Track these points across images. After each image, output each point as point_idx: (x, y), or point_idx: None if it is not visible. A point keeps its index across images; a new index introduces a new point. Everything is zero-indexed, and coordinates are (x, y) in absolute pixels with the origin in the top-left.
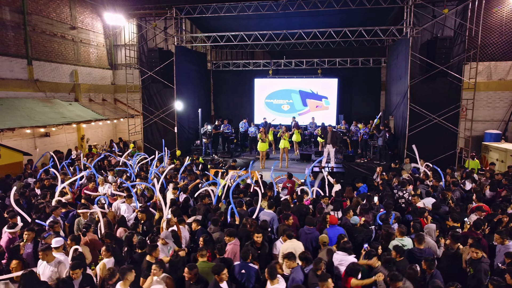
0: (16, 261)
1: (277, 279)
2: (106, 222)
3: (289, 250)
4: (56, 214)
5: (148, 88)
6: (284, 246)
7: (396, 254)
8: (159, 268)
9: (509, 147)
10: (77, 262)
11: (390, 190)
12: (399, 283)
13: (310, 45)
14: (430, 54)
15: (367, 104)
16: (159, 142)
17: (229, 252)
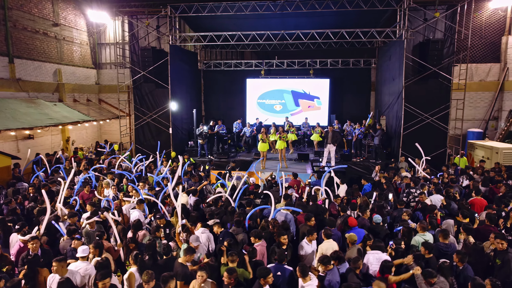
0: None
1: (309, 276)
2: (121, 229)
3: (328, 249)
4: (72, 221)
5: (139, 88)
6: (324, 246)
7: (425, 250)
8: (206, 273)
9: (494, 145)
10: (107, 271)
11: (393, 188)
12: (433, 279)
13: (301, 45)
14: (423, 56)
15: (358, 104)
16: (151, 144)
17: (257, 253)
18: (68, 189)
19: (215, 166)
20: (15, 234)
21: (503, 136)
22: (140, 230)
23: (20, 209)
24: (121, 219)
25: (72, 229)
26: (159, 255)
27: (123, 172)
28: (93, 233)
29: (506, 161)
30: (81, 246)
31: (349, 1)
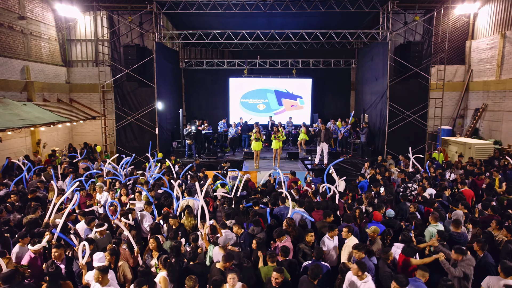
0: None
1: (365, 274)
2: (135, 234)
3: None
4: (101, 233)
5: (121, 87)
6: (350, 241)
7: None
8: (237, 276)
9: (466, 141)
10: (142, 280)
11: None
12: (462, 256)
13: (284, 45)
14: (404, 57)
15: (338, 103)
16: (134, 145)
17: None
18: (60, 195)
19: (205, 167)
20: (19, 245)
21: (470, 133)
22: (159, 234)
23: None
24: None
25: (90, 239)
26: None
27: (116, 177)
28: (102, 240)
29: (478, 156)
30: (97, 254)
31: (336, 3)
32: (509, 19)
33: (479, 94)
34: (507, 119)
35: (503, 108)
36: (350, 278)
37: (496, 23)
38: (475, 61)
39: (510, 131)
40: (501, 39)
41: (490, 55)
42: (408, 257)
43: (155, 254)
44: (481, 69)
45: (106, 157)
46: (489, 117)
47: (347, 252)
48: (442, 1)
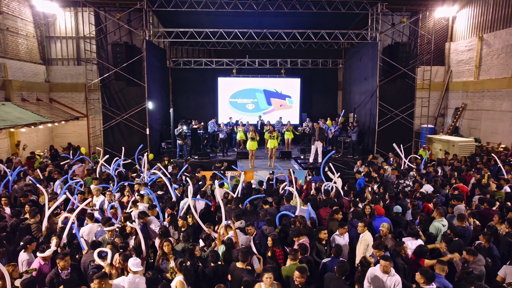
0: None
1: (392, 270)
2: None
3: (371, 240)
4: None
5: (108, 86)
6: (366, 237)
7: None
8: (273, 275)
9: (450, 139)
10: (166, 283)
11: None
12: (473, 257)
13: (272, 45)
14: (392, 58)
15: (326, 102)
16: (122, 146)
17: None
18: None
19: (198, 167)
20: (24, 253)
21: (451, 131)
22: (169, 237)
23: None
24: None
25: (97, 242)
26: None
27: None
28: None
29: (461, 153)
30: (133, 259)
31: (328, 3)
32: (486, 22)
33: (459, 94)
34: (485, 117)
35: (482, 107)
36: (374, 273)
37: (474, 26)
38: (454, 62)
39: (488, 129)
40: (478, 42)
41: (468, 56)
42: (421, 258)
43: (171, 257)
44: (460, 70)
45: (94, 159)
46: (468, 116)
47: (364, 246)
48: (427, 4)
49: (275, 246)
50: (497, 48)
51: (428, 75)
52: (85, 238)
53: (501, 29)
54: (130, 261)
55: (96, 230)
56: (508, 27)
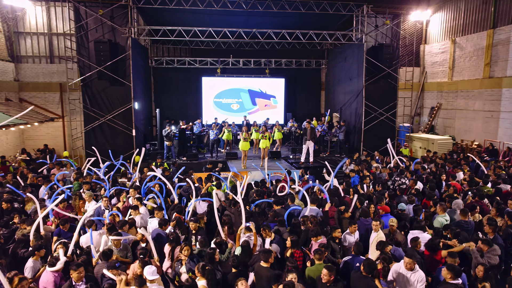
0: None
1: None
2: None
3: (384, 238)
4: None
5: (90, 86)
6: (382, 235)
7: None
8: (297, 275)
9: (430, 137)
10: None
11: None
12: (487, 247)
13: (256, 45)
14: (376, 58)
15: (310, 102)
16: (105, 148)
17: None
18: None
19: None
20: (32, 260)
21: (427, 130)
22: (179, 244)
23: None
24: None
25: (109, 252)
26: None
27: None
28: (120, 252)
29: (440, 150)
30: (148, 267)
31: (316, 4)
32: (458, 27)
33: (434, 94)
34: (459, 116)
35: (456, 106)
36: (398, 270)
37: (447, 30)
38: (429, 63)
39: (462, 128)
40: (451, 45)
41: (442, 58)
42: (433, 251)
43: (184, 261)
44: (434, 71)
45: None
46: (443, 115)
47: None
48: (405, 7)
49: (294, 247)
50: (469, 51)
51: (405, 76)
52: (85, 247)
53: (472, 33)
54: (145, 270)
55: (97, 237)
56: (479, 32)
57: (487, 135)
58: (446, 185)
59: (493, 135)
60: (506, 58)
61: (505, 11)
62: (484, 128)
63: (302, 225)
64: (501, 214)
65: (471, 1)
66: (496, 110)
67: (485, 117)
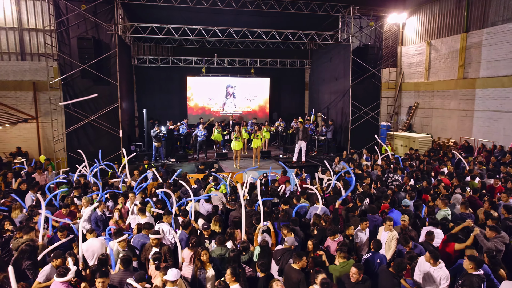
0: None
1: (439, 261)
2: (166, 250)
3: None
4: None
5: (71, 85)
6: (394, 233)
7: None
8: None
9: (410, 135)
10: None
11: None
12: (495, 233)
13: (241, 44)
14: (361, 59)
15: (294, 102)
16: (89, 150)
17: None
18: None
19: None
20: (51, 265)
21: (406, 128)
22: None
23: None
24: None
25: (128, 258)
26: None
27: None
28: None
29: (421, 148)
30: (172, 270)
31: (305, 5)
32: (433, 30)
33: (411, 93)
34: (435, 115)
35: (432, 106)
36: (422, 266)
37: (422, 32)
38: (406, 64)
39: (439, 126)
40: (427, 47)
41: (418, 60)
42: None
43: (208, 266)
44: (411, 72)
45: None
46: (420, 113)
47: (395, 241)
48: (382, 10)
49: (316, 250)
50: (444, 53)
51: (385, 76)
52: (86, 255)
53: (447, 36)
54: (169, 273)
55: (98, 246)
56: (453, 35)
57: (462, 133)
58: (437, 181)
59: (467, 132)
60: (479, 60)
61: (477, 16)
62: (459, 126)
63: (313, 226)
64: (493, 207)
65: (445, 6)
66: (470, 109)
67: (460, 115)
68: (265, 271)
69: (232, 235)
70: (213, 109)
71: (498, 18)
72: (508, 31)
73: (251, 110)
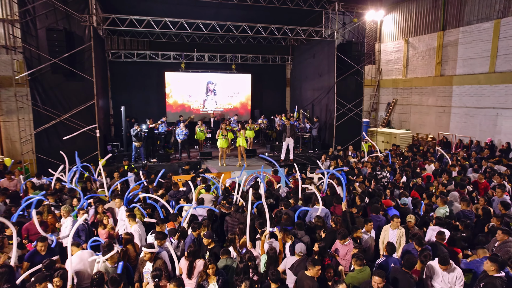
0: None
1: (451, 264)
2: (162, 264)
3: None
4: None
5: (40, 80)
6: (403, 231)
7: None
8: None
9: (392, 131)
10: None
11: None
12: (507, 236)
13: (221, 39)
14: (345, 55)
15: (275, 99)
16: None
17: (351, 252)
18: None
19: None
20: None
21: (385, 124)
22: (198, 258)
23: None
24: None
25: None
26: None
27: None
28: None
29: (402, 144)
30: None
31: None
32: (411, 28)
33: (389, 90)
34: (414, 111)
35: (410, 102)
36: (434, 266)
37: (400, 30)
38: (384, 61)
39: (417, 122)
40: (405, 44)
41: (396, 57)
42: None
43: (212, 279)
44: (389, 69)
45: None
46: (398, 110)
47: (404, 239)
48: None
49: (323, 254)
50: (421, 51)
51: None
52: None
53: (424, 34)
54: None
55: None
56: (430, 33)
57: (440, 129)
58: (427, 177)
59: (445, 128)
60: (455, 58)
61: (453, 15)
62: (437, 122)
63: (319, 229)
64: (489, 203)
65: (421, 5)
66: (447, 106)
67: (438, 112)
68: (277, 281)
69: (233, 241)
70: (193, 106)
71: (473, 18)
72: (483, 30)
73: (233, 107)
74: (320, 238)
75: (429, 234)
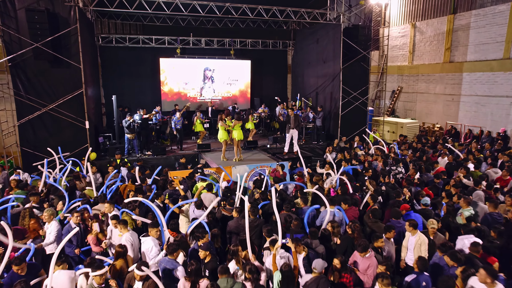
0: None
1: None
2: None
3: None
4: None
5: (22, 67)
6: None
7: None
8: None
9: (398, 121)
10: None
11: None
12: None
13: (219, 22)
14: (351, 40)
15: (276, 86)
16: (48, 145)
17: (373, 266)
18: None
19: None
20: None
21: (389, 113)
22: (201, 278)
23: None
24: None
25: None
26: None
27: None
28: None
29: (409, 134)
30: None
31: None
32: (418, 11)
33: (394, 77)
34: (420, 99)
35: (416, 90)
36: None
37: (406, 13)
38: (389, 47)
39: (423, 111)
40: (411, 29)
41: (402, 42)
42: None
43: None
44: (394, 55)
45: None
46: (404, 98)
47: (424, 248)
48: None
49: (343, 270)
50: (429, 36)
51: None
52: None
53: (432, 18)
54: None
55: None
56: (439, 17)
57: (448, 118)
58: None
59: (453, 117)
60: (466, 44)
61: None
62: (445, 111)
63: (333, 236)
64: None
65: None
66: (457, 94)
67: (446, 100)
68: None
69: (235, 253)
70: (190, 95)
71: (487, 0)
72: (497, 13)
73: (231, 95)
74: (336, 246)
75: (460, 244)
